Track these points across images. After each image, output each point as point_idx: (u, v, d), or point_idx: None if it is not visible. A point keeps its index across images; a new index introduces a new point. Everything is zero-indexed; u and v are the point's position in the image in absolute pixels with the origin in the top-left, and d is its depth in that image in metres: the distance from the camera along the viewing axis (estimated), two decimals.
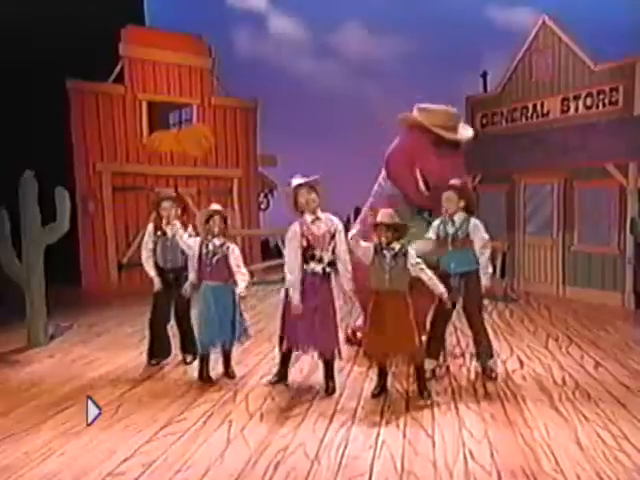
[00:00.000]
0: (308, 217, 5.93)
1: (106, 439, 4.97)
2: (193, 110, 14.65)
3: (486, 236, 6.38)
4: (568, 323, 9.30)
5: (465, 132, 7.43)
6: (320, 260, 5.90)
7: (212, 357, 6.63)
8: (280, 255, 13.72)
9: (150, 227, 7.11)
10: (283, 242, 13.80)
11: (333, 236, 5.97)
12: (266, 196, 16.14)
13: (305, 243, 5.88)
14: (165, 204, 6.96)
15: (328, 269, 5.98)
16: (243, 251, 14.41)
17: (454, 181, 6.43)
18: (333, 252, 5.97)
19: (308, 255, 5.89)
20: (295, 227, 5.94)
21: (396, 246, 5.74)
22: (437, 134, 7.14)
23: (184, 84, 14.35)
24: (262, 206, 16.01)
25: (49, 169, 10.23)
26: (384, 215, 5.78)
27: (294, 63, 20.74)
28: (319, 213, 5.97)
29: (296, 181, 5.97)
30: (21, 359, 7.62)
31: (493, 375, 6.44)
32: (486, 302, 10.70)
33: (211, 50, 14.65)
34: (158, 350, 7.21)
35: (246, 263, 13.63)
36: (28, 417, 5.54)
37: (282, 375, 6.42)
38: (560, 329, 8.90)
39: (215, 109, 14.80)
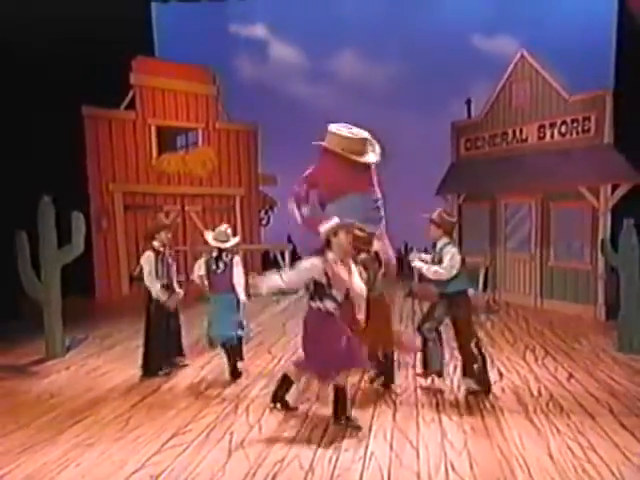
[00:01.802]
0: (332, 257, 5.37)
1: (118, 451, 5.05)
2: (199, 134, 14.81)
3: (448, 262, 6.24)
4: (545, 335, 9.35)
5: (371, 157, 6.82)
6: (335, 300, 5.39)
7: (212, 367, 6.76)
8: (279, 267, 13.81)
9: (150, 253, 7.30)
10: (282, 255, 14.00)
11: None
12: (267, 212, 16.25)
13: (325, 281, 5.35)
14: (164, 233, 7.28)
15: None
16: (245, 264, 14.64)
17: (433, 215, 6.50)
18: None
19: (324, 292, 5.37)
20: (318, 262, 5.37)
21: None
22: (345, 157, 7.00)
23: (190, 110, 14.52)
24: (263, 222, 16.12)
25: (65, 189, 10.40)
26: None
27: (293, 87, 20.80)
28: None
29: (342, 220, 5.48)
30: (41, 370, 7.71)
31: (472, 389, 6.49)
32: None
33: (215, 78, 14.80)
34: (157, 363, 7.35)
35: (247, 275, 13.81)
36: (47, 428, 5.63)
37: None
38: (537, 340, 8.96)
39: (219, 133, 14.96)
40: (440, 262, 6.37)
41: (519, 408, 5.99)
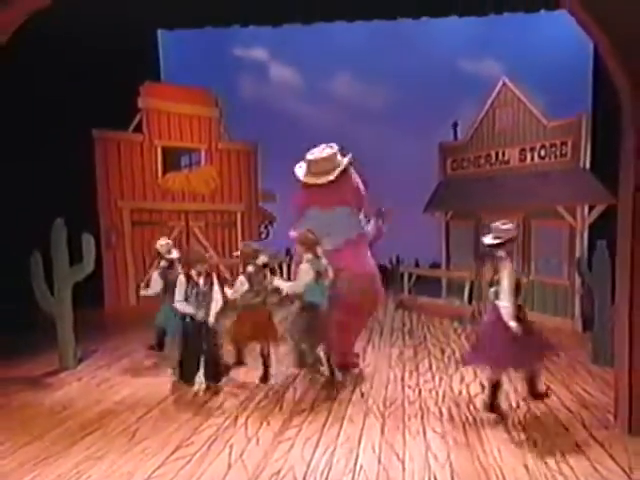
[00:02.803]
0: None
1: (125, 463, 5.16)
2: (202, 153, 14.92)
3: (301, 275, 7.13)
4: None
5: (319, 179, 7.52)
6: None
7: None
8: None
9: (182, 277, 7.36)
10: (280, 268, 14.09)
11: None
12: (266, 227, 16.35)
13: None
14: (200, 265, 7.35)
15: None
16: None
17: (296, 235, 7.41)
18: None
19: None
20: None
21: None
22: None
23: (194, 131, 14.63)
24: (262, 236, 16.22)
25: (77, 206, 10.61)
26: None
27: (292, 107, 20.97)
28: None
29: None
30: (54, 382, 7.76)
31: None
32: (456, 325, 11.09)
33: (217, 101, 14.92)
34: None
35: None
36: (60, 440, 5.72)
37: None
38: None
39: (221, 152, 15.06)
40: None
41: (498, 421, 6.10)
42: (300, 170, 7.68)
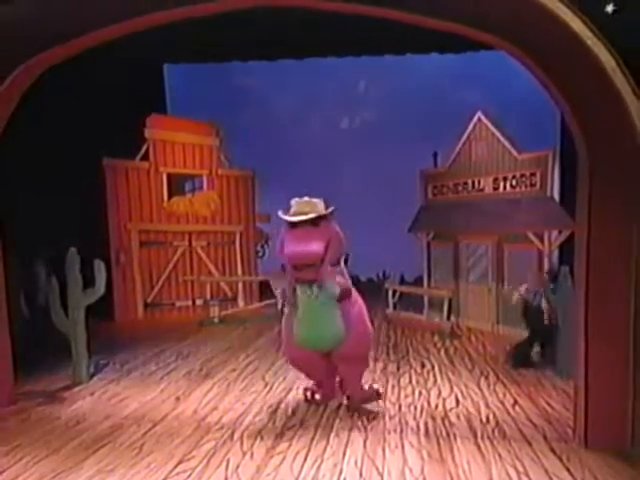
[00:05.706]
0: None
1: (132, 477, 5.30)
2: (204, 179, 15.17)
3: None
4: (498, 360, 9.54)
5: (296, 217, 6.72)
6: None
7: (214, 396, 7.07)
8: (273, 295, 14.14)
9: None
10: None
11: None
12: (262, 246, 16.55)
13: None
14: None
15: None
16: (244, 292, 14.93)
17: None
18: None
19: None
20: None
21: None
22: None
23: (197, 159, 14.89)
24: (259, 254, 16.43)
25: (89, 228, 10.84)
26: None
27: (284, 133, 21.22)
28: None
29: None
30: (68, 396, 7.91)
31: None
32: (436, 338, 11.28)
33: (218, 131, 15.17)
34: None
35: (247, 302, 14.07)
36: (74, 454, 5.86)
37: None
38: (491, 366, 9.18)
39: (221, 178, 15.33)
40: None
41: (469, 435, 6.25)
42: (283, 214, 7.42)
